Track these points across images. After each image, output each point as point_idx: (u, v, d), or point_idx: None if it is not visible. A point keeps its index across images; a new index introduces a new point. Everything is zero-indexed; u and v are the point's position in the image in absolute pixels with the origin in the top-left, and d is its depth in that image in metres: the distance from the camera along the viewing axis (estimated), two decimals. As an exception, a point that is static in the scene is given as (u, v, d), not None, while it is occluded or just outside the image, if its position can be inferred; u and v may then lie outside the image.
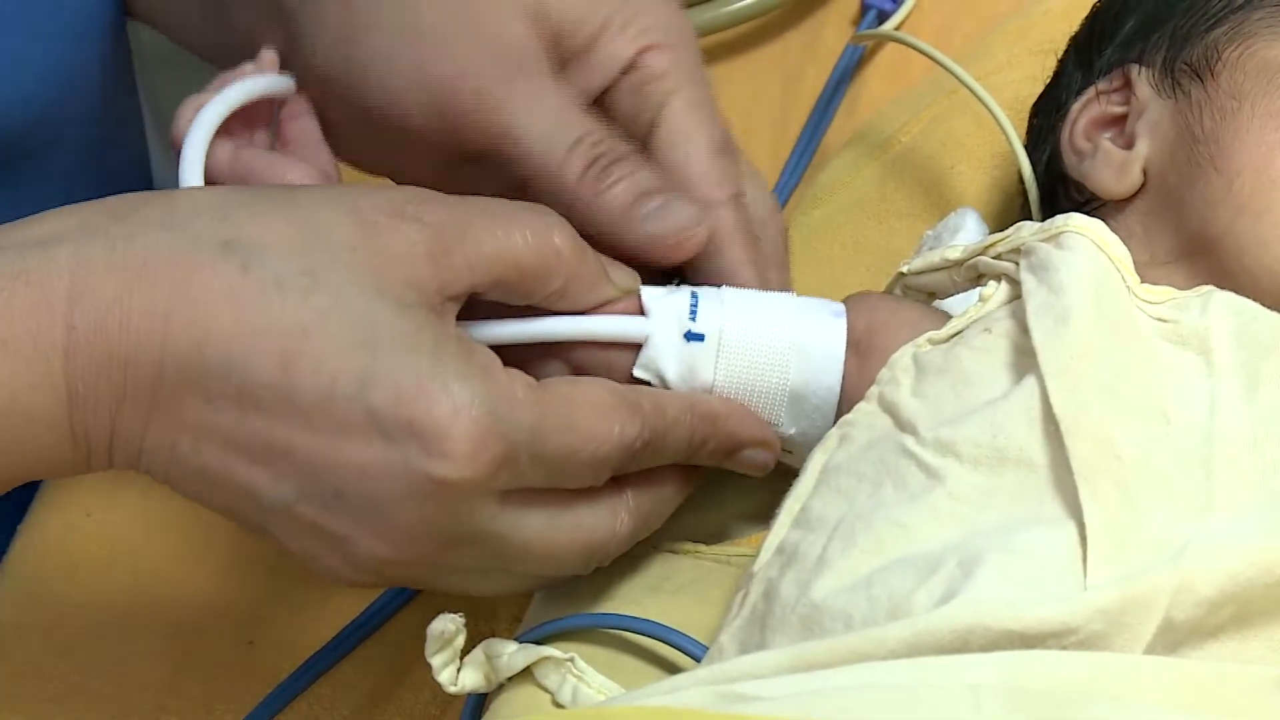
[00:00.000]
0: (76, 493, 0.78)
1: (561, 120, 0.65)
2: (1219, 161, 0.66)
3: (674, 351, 0.63)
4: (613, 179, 0.64)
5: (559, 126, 0.64)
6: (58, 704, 0.73)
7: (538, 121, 0.64)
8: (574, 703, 0.63)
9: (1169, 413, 0.57)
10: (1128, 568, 0.53)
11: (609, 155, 0.64)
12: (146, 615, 0.75)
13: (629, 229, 0.64)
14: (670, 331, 0.64)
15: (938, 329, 0.64)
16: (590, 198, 0.64)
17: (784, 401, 0.64)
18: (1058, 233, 0.62)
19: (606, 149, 0.65)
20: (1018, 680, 0.50)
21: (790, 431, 0.65)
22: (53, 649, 0.75)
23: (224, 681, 0.74)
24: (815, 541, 0.58)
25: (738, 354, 0.64)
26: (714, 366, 0.64)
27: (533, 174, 0.65)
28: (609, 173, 0.64)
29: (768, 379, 0.64)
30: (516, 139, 0.64)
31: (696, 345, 0.64)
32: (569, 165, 0.64)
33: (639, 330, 0.64)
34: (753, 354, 0.64)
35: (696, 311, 0.64)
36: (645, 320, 0.64)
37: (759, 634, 0.57)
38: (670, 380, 0.63)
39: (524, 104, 0.64)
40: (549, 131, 0.64)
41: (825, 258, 0.81)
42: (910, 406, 0.60)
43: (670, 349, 0.63)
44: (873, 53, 0.91)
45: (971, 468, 0.57)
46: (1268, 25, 0.69)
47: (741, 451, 0.64)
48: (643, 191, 0.64)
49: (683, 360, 0.63)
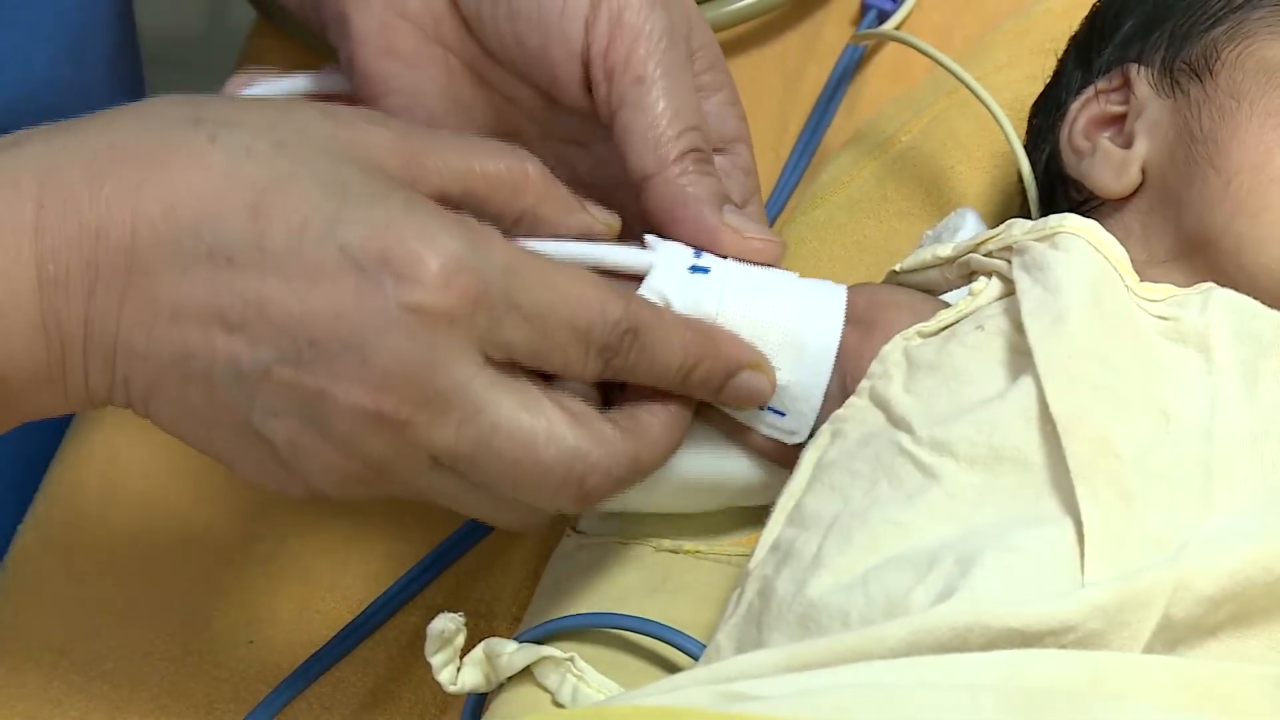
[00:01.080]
0: (77, 492, 0.78)
1: (690, 101, 0.66)
2: (1217, 160, 0.66)
3: (678, 280, 0.63)
4: (706, 172, 0.66)
5: (686, 105, 0.66)
6: (57, 704, 0.73)
7: (674, 93, 0.65)
8: (574, 702, 0.63)
9: (1168, 411, 0.57)
10: (1126, 566, 0.53)
11: (707, 154, 0.66)
12: (147, 615, 0.75)
13: (706, 214, 0.65)
14: (675, 263, 0.64)
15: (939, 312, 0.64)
16: (678, 177, 0.65)
17: (784, 343, 0.64)
18: (1052, 233, 0.62)
19: (708, 149, 0.66)
20: (1017, 680, 0.50)
21: (787, 380, 0.64)
22: (53, 648, 0.75)
23: (224, 681, 0.74)
24: (810, 539, 0.58)
25: (741, 289, 0.64)
26: (719, 296, 0.64)
27: (636, 141, 0.65)
28: (704, 166, 0.66)
29: (769, 316, 0.64)
30: (649, 106, 0.65)
31: (701, 277, 0.64)
32: (678, 144, 0.65)
33: (644, 260, 0.64)
34: (756, 291, 0.64)
35: (701, 254, 0.64)
36: (650, 252, 0.64)
37: (756, 632, 0.57)
38: (674, 306, 0.63)
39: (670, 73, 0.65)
40: (677, 108, 0.65)
41: (825, 257, 0.81)
42: (903, 403, 0.60)
43: (675, 277, 0.63)
44: (873, 52, 0.91)
45: (968, 467, 0.57)
46: (1267, 25, 0.69)
47: (736, 376, 0.63)
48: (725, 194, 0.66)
49: (686, 290, 0.63)
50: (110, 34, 0.81)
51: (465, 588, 0.75)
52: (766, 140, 0.90)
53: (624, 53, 0.65)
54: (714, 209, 0.65)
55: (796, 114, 0.90)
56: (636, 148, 0.65)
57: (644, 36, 0.65)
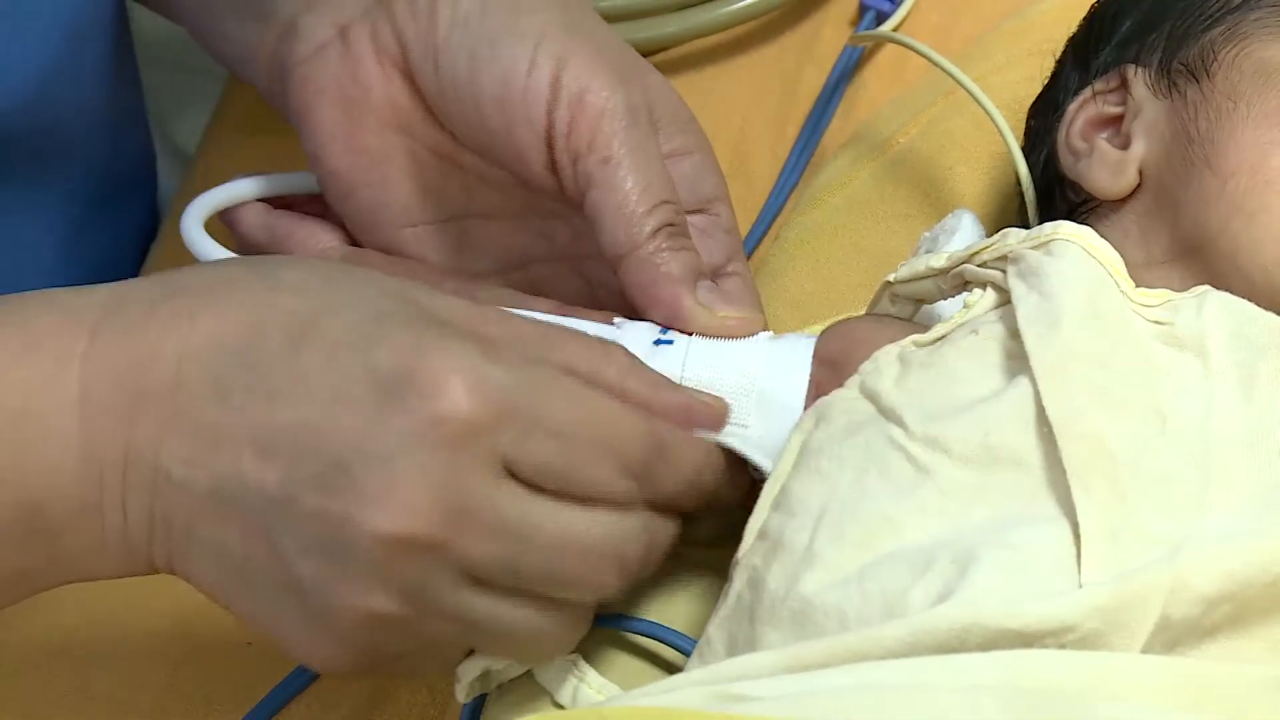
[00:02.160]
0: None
1: (659, 175, 0.66)
2: (1214, 162, 0.67)
3: (643, 354, 0.64)
4: (681, 246, 0.66)
5: (655, 180, 0.66)
6: (57, 704, 0.73)
7: (641, 169, 0.66)
8: (574, 703, 0.63)
9: (1164, 412, 0.57)
10: (1122, 565, 0.53)
11: (681, 227, 0.66)
12: (146, 615, 0.75)
13: (680, 294, 0.65)
14: (641, 336, 0.65)
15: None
16: (652, 255, 0.65)
17: (753, 397, 0.64)
18: (1047, 240, 0.62)
19: (681, 221, 0.66)
20: (1016, 681, 0.50)
21: (758, 433, 0.64)
22: (52, 649, 0.75)
23: (224, 681, 0.74)
24: (800, 529, 0.58)
25: (706, 352, 0.64)
26: (683, 363, 0.64)
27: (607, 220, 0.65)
28: (678, 241, 0.66)
29: (736, 377, 0.64)
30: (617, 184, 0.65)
31: (665, 348, 0.64)
32: (649, 221, 0.65)
33: (611, 334, 0.65)
34: (721, 353, 0.65)
35: (666, 330, 0.65)
36: (616, 329, 0.65)
37: (748, 625, 0.57)
38: None
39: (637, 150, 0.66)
40: (646, 184, 0.65)
41: (823, 258, 0.81)
42: (894, 396, 0.60)
43: (640, 350, 0.64)
44: (871, 53, 0.91)
45: (962, 465, 0.57)
46: (1264, 26, 0.69)
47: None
48: (700, 268, 0.66)
49: (651, 362, 0.63)
50: (108, 33, 0.81)
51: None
52: (765, 141, 0.90)
53: (588, 134, 0.66)
54: (688, 288, 0.65)
55: (795, 115, 0.90)
56: (608, 227, 0.66)
57: (606, 115, 0.66)
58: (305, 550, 0.56)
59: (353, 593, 0.56)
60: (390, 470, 0.55)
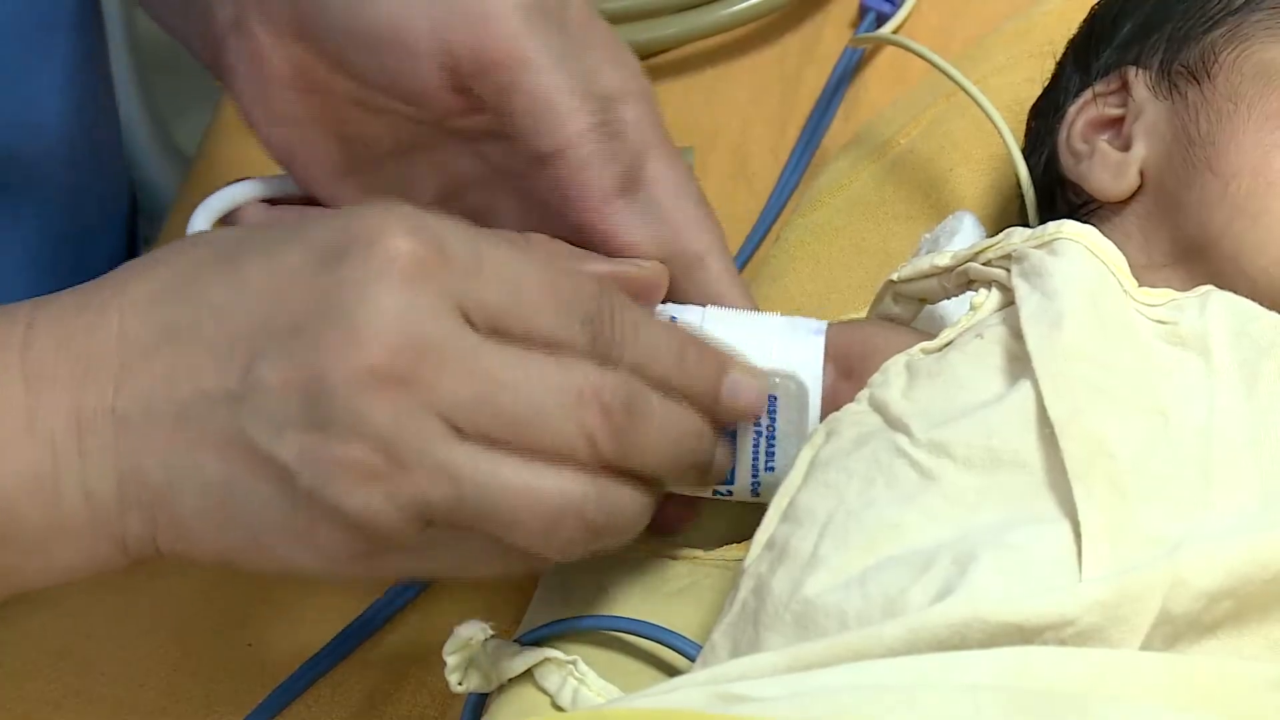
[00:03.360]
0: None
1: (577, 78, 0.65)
2: (1215, 164, 0.67)
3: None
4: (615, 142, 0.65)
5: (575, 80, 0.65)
6: (57, 706, 0.73)
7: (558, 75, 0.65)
8: (574, 705, 0.63)
9: (1166, 412, 0.57)
10: (1124, 563, 0.53)
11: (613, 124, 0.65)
12: (146, 616, 0.75)
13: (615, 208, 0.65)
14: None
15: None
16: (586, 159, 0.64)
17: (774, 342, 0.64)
18: (1050, 239, 0.62)
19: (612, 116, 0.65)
20: (1017, 680, 0.50)
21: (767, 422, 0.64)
22: (51, 650, 0.75)
23: (224, 682, 0.74)
24: (806, 537, 0.58)
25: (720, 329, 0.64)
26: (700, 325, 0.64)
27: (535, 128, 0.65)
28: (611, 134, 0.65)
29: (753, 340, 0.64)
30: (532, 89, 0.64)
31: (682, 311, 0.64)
32: (577, 118, 0.64)
33: None
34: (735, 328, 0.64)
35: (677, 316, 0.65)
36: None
37: (752, 631, 0.57)
38: None
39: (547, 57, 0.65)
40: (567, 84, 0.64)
41: (824, 260, 0.81)
42: (900, 405, 0.60)
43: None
44: (872, 55, 0.91)
45: (965, 469, 0.57)
46: (1265, 27, 0.69)
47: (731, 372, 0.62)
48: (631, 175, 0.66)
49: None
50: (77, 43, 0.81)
51: (465, 590, 0.75)
52: (765, 143, 0.90)
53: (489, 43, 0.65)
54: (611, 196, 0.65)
55: (795, 116, 0.90)
56: (531, 131, 0.65)
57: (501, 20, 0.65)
58: (281, 430, 0.55)
59: (334, 450, 0.55)
60: (349, 318, 0.55)
